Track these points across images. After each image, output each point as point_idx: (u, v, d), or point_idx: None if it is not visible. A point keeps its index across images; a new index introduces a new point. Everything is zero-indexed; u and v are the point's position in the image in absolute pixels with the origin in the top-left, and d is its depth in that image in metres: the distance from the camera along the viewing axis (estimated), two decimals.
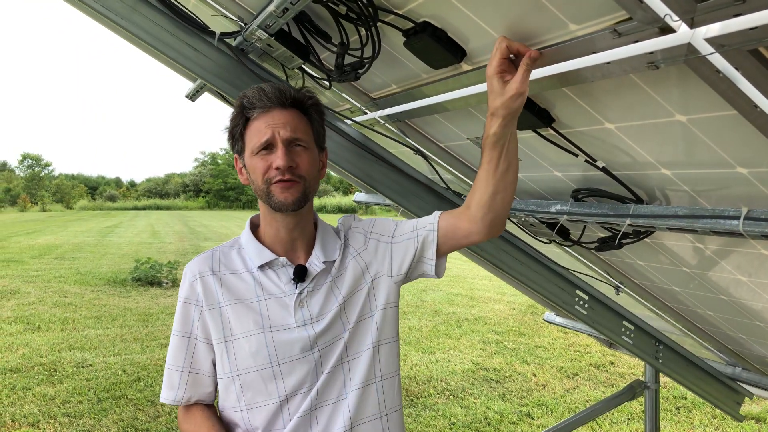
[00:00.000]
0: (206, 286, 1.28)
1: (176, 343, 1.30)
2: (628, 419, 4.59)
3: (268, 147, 1.21)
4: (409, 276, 1.37)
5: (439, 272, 1.36)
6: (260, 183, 1.23)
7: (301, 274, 1.27)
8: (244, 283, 1.29)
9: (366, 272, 1.34)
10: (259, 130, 1.22)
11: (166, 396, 1.31)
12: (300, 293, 1.27)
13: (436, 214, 1.36)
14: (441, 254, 1.35)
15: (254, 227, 1.36)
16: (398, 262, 1.35)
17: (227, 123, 1.32)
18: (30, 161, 72.26)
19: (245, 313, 1.26)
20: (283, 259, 1.29)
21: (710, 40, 0.81)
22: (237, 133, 1.26)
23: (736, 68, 0.84)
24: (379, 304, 1.33)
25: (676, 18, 0.81)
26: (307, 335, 1.25)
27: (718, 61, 0.85)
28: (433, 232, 1.32)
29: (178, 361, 1.30)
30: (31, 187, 65.85)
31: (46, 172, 72.97)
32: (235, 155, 1.32)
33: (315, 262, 1.30)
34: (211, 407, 1.35)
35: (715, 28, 0.80)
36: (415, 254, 1.34)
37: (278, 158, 1.20)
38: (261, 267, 1.29)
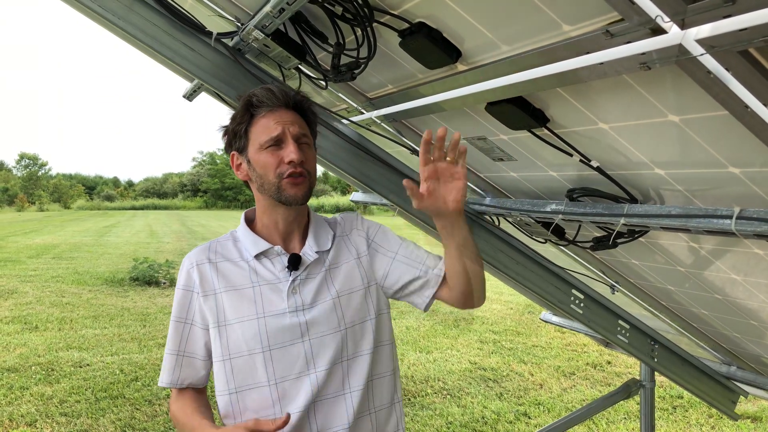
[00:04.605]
0: (202, 274, 1.34)
1: (173, 328, 1.36)
2: (625, 418, 4.61)
3: (277, 143, 1.27)
4: (396, 296, 1.43)
5: (427, 308, 1.44)
6: (271, 177, 1.28)
7: (295, 263, 1.33)
8: (239, 269, 1.34)
9: (363, 277, 1.39)
10: (267, 127, 1.28)
11: (163, 379, 1.36)
12: (293, 280, 1.32)
13: (442, 264, 1.41)
14: (435, 296, 1.42)
15: (249, 221, 1.42)
16: (394, 280, 1.41)
17: (226, 121, 1.36)
18: (27, 161, 72.20)
19: (240, 299, 1.31)
20: (278, 248, 1.35)
21: (701, 41, 0.82)
22: (241, 129, 1.31)
23: (727, 69, 0.84)
24: (374, 309, 1.39)
25: (667, 19, 0.82)
26: (298, 321, 1.30)
27: (709, 62, 0.85)
28: (439, 278, 1.40)
29: (174, 345, 1.36)
30: (29, 187, 65.78)
31: (44, 171, 72.90)
32: (233, 152, 1.36)
33: (308, 252, 1.36)
34: (201, 391, 1.40)
35: (705, 29, 0.80)
36: (414, 282, 1.40)
37: (291, 152, 1.26)
38: (257, 256, 1.34)
